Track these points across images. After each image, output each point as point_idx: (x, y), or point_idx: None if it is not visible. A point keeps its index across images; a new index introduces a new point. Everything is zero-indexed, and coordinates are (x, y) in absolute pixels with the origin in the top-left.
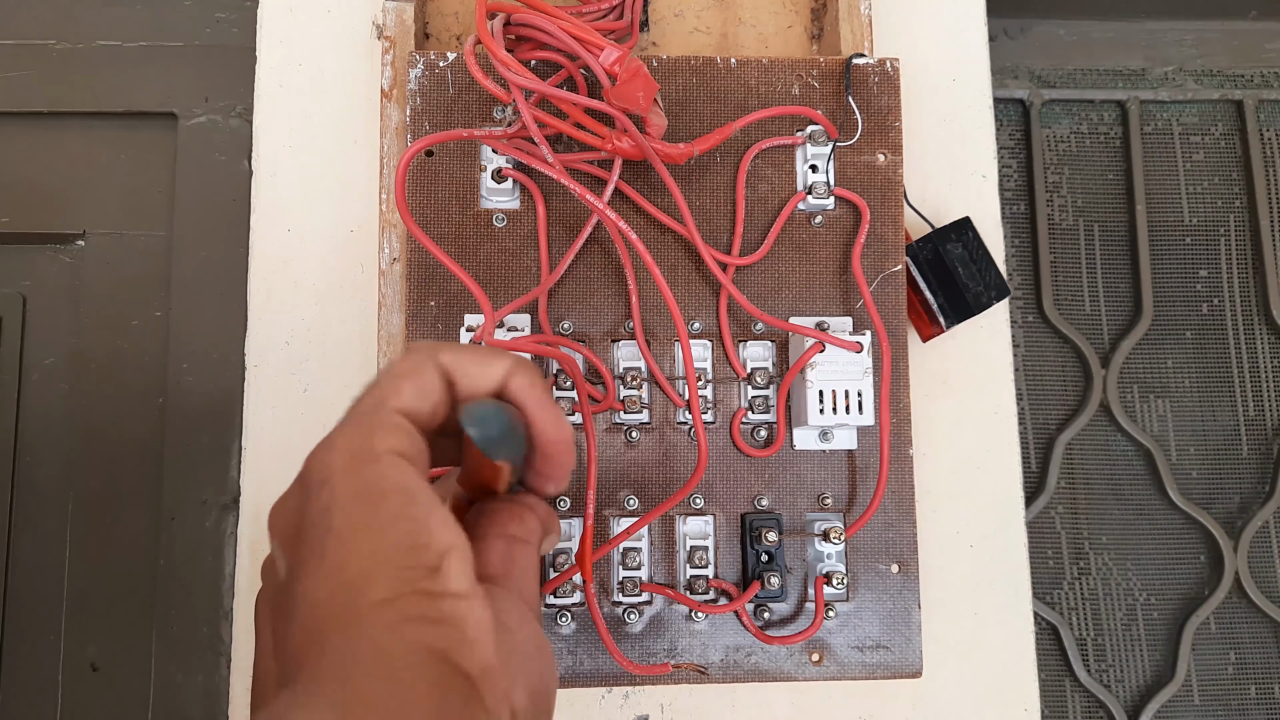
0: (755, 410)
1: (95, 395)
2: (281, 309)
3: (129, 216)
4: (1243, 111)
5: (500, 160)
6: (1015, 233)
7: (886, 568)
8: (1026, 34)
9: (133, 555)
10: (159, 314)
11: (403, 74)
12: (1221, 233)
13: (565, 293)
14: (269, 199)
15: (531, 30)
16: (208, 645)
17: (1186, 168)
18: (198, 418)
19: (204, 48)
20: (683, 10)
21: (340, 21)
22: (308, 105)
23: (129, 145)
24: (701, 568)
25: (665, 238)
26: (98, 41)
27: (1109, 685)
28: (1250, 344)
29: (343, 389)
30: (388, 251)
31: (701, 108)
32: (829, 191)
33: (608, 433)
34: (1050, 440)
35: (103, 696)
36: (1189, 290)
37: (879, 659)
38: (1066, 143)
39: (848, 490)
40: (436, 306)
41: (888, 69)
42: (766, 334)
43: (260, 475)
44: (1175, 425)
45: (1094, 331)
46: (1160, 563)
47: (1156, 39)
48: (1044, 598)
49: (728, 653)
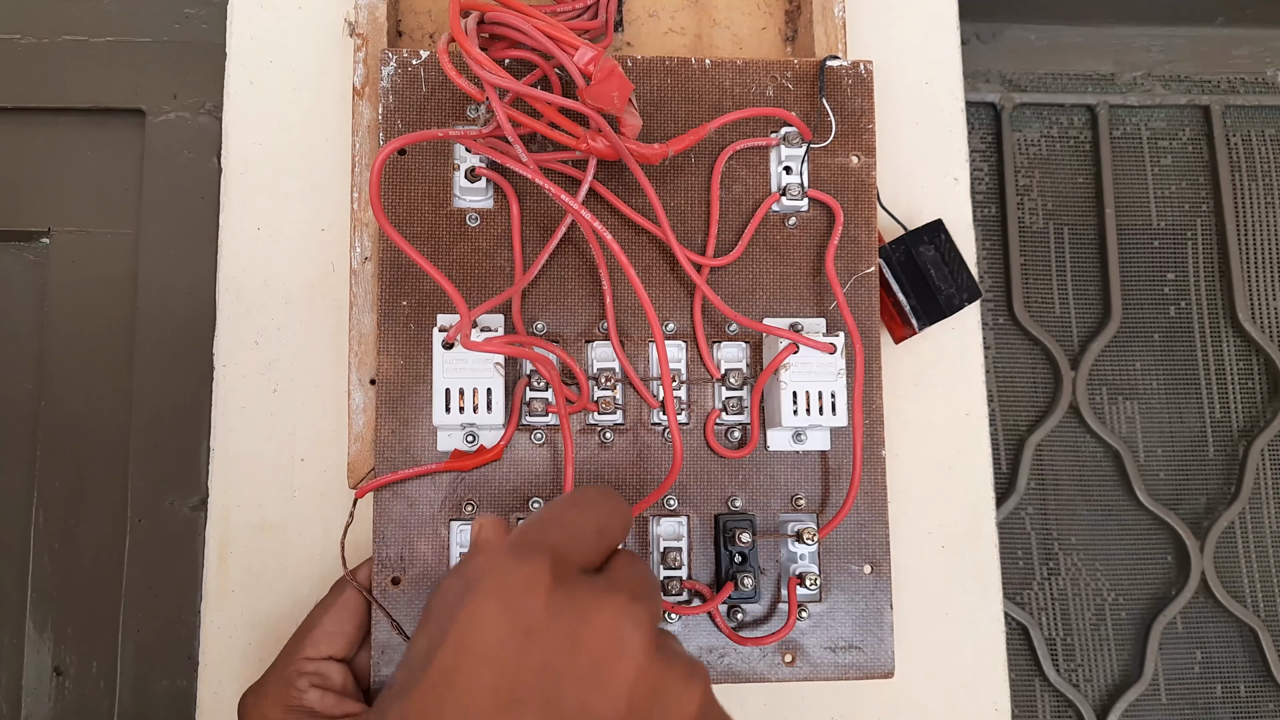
0: (729, 411)
1: (61, 395)
2: (251, 308)
3: (96, 214)
4: (1209, 116)
5: (474, 159)
6: (986, 235)
7: (859, 568)
8: (998, 38)
9: (99, 557)
10: (126, 313)
11: (375, 72)
12: (1189, 236)
13: (539, 293)
14: (238, 197)
15: (505, 29)
16: (176, 649)
17: (1155, 172)
18: (165, 418)
19: (173, 44)
20: (657, 11)
21: (312, 18)
22: (278, 102)
23: (96, 142)
24: (675, 569)
25: (640, 238)
26: (64, 36)
27: (1078, 685)
28: (1216, 347)
29: (313, 389)
30: (359, 250)
31: (676, 108)
32: (803, 193)
33: (581, 434)
34: (1020, 441)
35: (68, 701)
36: (1157, 293)
37: (851, 659)
38: (1037, 146)
39: (821, 491)
40: (409, 306)
41: (861, 71)
42: (741, 335)
43: (229, 476)
44: (1143, 427)
45: (1064, 334)
46: (1128, 563)
47: (1126, 44)
48: (1014, 598)
49: (701, 654)
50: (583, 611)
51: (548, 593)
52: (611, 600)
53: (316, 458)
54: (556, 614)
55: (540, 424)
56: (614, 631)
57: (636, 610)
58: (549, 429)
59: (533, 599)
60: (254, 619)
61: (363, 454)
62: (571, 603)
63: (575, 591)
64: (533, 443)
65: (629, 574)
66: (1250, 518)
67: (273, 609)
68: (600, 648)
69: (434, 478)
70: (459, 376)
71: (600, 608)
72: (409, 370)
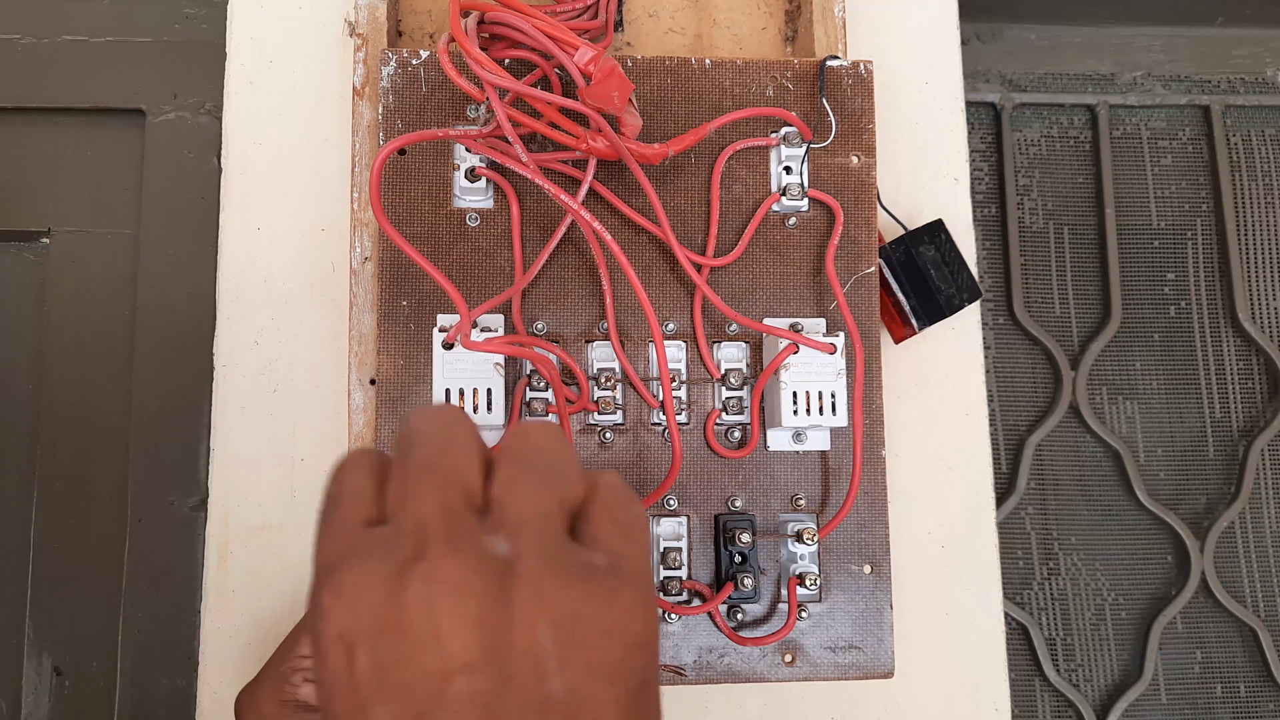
0: (729, 411)
1: (60, 395)
2: (251, 308)
3: (95, 214)
4: (1209, 116)
5: (474, 159)
6: (986, 235)
7: (859, 568)
8: (998, 38)
9: (99, 557)
10: (126, 313)
11: (375, 72)
12: (1189, 236)
13: (539, 293)
14: (238, 197)
15: (505, 29)
16: (176, 649)
17: (1155, 172)
18: (165, 418)
19: (173, 44)
20: (657, 11)
21: (312, 18)
22: (278, 102)
23: (96, 142)
24: (675, 569)
25: (640, 238)
26: (64, 36)
27: (1078, 685)
28: (1217, 347)
29: (313, 389)
30: (359, 250)
31: (676, 108)
32: (803, 193)
33: (582, 434)
34: (1020, 441)
35: (68, 701)
36: (1157, 293)
37: (851, 659)
38: (1037, 146)
39: (821, 491)
40: (409, 306)
41: (861, 71)
42: (741, 335)
43: (229, 476)
44: (1143, 427)
45: (1064, 334)
46: (1128, 563)
47: (1126, 44)
48: (1014, 598)
49: (701, 654)
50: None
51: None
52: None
53: (316, 458)
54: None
55: None
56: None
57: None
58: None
59: (356, 600)
60: (254, 619)
61: None
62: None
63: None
64: None
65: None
66: (1250, 518)
67: (273, 609)
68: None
69: None
70: (459, 376)
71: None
72: (409, 370)
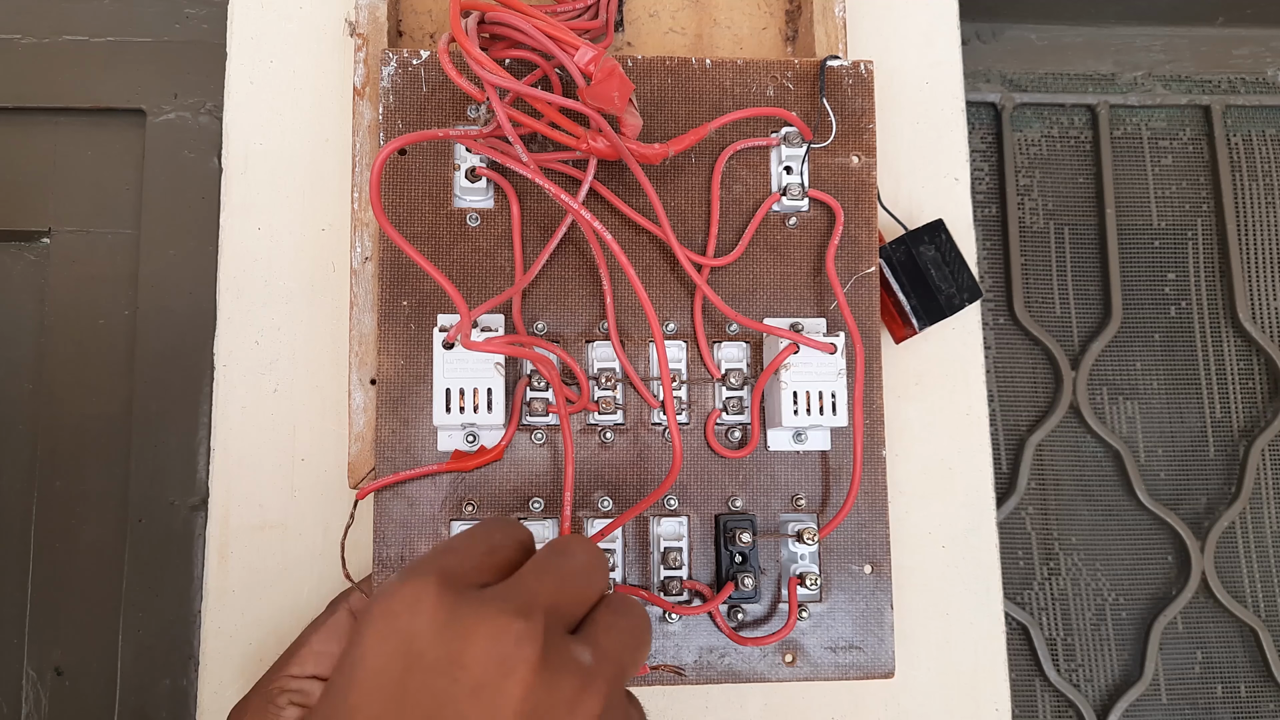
0: (729, 411)
1: (60, 395)
2: (251, 308)
3: (96, 214)
4: (1210, 116)
5: (474, 159)
6: (987, 235)
7: (859, 568)
8: (999, 38)
9: (99, 557)
10: (126, 313)
11: (375, 72)
12: (1189, 236)
13: (539, 293)
14: (239, 197)
15: (506, 29)
16: (176, 649)
17: (1155, 172)
18: (165, 418)
19: (173, 44)
20: (658, 11)
21: (312, 18)
22: (278, 102)
23: (96, 142)
24: (675, 569)
25: (640, 238)
26: (64, 36)
27: (1078, 685)
28: (1217, 347)
29: (313, 389)
30: (360, 250)
31: (676, 108)
32: (803, 193)
33: (582, 434)
34: (1021, 441)
35: (68, 701)
36: (1157, 293)
37: (852, 659)
38: (1037, 146)
39: (821, 491)
40: (409, 306)
41: (862, 72)
42: (741, 335)
43: (229, 476)
44: (1144, 427)
45: (1064, 333)
46: (1129, 563)
47: (1126, 44)
48: (1014, 598)
49: (701, 654)
50: (465, 630)
51: (431, 612)
52: (494, 616)
53: (317, 458)
54: (440, 634)
55: (541, 424)
56: (495, 649)
57: (519, 626)
58: (549, 429)
59: (415, 619)
60: (254, 619)
61: (363, 454)
62: (455, 621)
63: (460, 610)
64: (533, 443)
65: (535, 582)
66: (1251, 518)
67: (273, 609)
68: (483, 667)
69: (434, 478)
70: (459, 376)
71: (481, 624)
72: (409, 370)
